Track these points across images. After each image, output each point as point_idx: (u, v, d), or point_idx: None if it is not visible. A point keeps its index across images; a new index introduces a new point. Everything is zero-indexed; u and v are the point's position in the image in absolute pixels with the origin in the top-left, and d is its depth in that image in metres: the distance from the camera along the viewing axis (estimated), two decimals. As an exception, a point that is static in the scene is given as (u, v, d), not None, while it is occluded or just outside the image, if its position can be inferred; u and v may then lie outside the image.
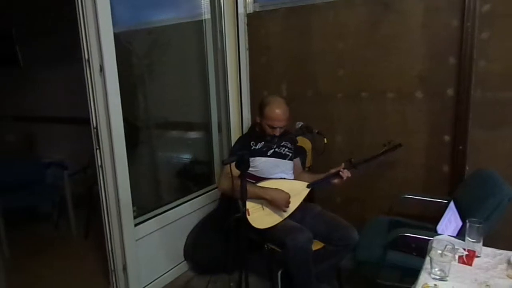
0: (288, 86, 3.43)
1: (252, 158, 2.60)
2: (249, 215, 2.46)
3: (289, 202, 2.53)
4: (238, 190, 2.25)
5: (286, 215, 2.54)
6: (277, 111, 2.56)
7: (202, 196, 3.42)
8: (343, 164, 2.56)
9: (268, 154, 2.69)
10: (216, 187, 3.39)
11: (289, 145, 2.78)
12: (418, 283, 1.54)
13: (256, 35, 3.49)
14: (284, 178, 2.69)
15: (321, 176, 2.64)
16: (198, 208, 3.36)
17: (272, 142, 2.59)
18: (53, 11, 3.99)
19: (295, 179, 2.78)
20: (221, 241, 3.11)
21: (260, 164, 2.67)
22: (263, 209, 2.55)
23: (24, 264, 3.46)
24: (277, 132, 2.58)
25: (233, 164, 2.21)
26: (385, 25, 2.92)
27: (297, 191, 2.58)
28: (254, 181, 2.60)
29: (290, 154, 2.78)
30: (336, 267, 2.74)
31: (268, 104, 2.60)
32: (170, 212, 3.11)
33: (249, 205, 2.44)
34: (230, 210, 2.63)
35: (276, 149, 2.71)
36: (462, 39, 2.64)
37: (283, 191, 2.53)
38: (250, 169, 2.33)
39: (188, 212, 3.26)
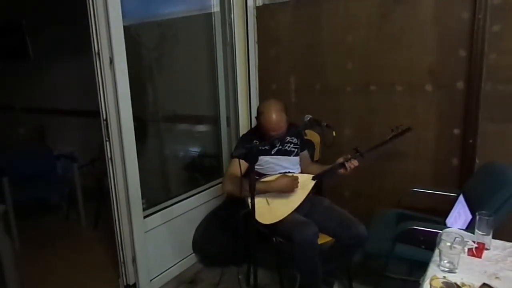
0: (296, 79, 3.43)
1: None
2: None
3: (297, 183, 2.51)
4: (244, 189, 2.27)
5: (292, 209, 2.53)
6: (273, 119, 2.49)
7: (210, 189, 3.43)
8: (348, 157, 2.54)
9: (272, 152, 2.67)
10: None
11: (294, 140, 2.77)
12: (427, 275, 1.54)
13: (265, 28, 3.49)
14: (289, 172, 2.69)
15: (328, 167, 2.63)
16: (207, 201, 3.37)
17: (276, 141, 2.57)
18: (63, 3, 4.01)
19: (303, 171, 2.78)
20: (229, 234, 3.12)
21: (264, 162, 2.67)
22: (268, 204, 2.55)
23: (34, 255, 3.51)
24: (277, 136, 2.51)
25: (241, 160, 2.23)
26: (395, 17, 2.90)
27: (303, 184, 2.57)
28: (258, 177, 2.57)
29: (296, 150, 2.76)
30: (346, 265, 2.76)
31: (262, 114, 2.54)
32: (179, 205, 3.13)
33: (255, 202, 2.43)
34: (237, 205, 2.63)
35: (280, 147, 2.70)
36: (473, 31, 2.61)
37: (285, 176, 2.52)
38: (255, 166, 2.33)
39: (196, 205, 3.27)
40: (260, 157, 2.61)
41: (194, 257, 3.32)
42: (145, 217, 2.80)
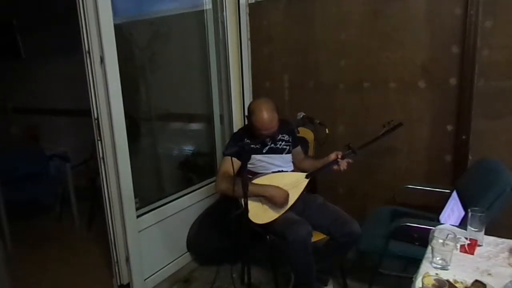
0: (290, 77, 3.42)
1: None
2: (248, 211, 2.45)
3: (287, 200, 2.50)
4: (237, 189, 2.26)
5: (286, 208, 2.52)
6: (265, 119, 2.45)
7: (204, 187, 3.42)
8: (340, 153, 2.53)
9: (264, 151, 2.65)
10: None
11: (286, 137, 2.74)
12: (419, 272, 1.53)
13: (258, 25, 3.47)
14: (282, 171, 2.68)
15: (320, 163, 2.62)
16: (200, 200, 3.36)
17: (267, 139, 2.55)
18: (54, 1, 3.97)
19: (297, 166, 2.77)
20: (223, 233, 3.11)
21: (256, 161, 2.65)
22: (262, 204, 2.53)
23: (27, 255, 3.49)
24: (269, 135, 2.52)
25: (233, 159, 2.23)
26: (388, 14, 2.89)
27: (296, 182, 2.56)
28: (251, 176, 2.56)
29: (288, 147, 2.73)
30: (340, 262, 2.75)
31: (253, 113, 2.50)
32: (172, 204, 3.11)
33: (248, 201, 2.42)
34: (230, 204, 2.61)
35: (272, 145, 2.67)
36: (466, 27, 2.61)
37: (281, 188, 2.50)
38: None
39: (190, 204, 3.26)
40: (252, 156, 2.60)
41: (188, 256, 3.30)
42: (138, 216, 2.78)
